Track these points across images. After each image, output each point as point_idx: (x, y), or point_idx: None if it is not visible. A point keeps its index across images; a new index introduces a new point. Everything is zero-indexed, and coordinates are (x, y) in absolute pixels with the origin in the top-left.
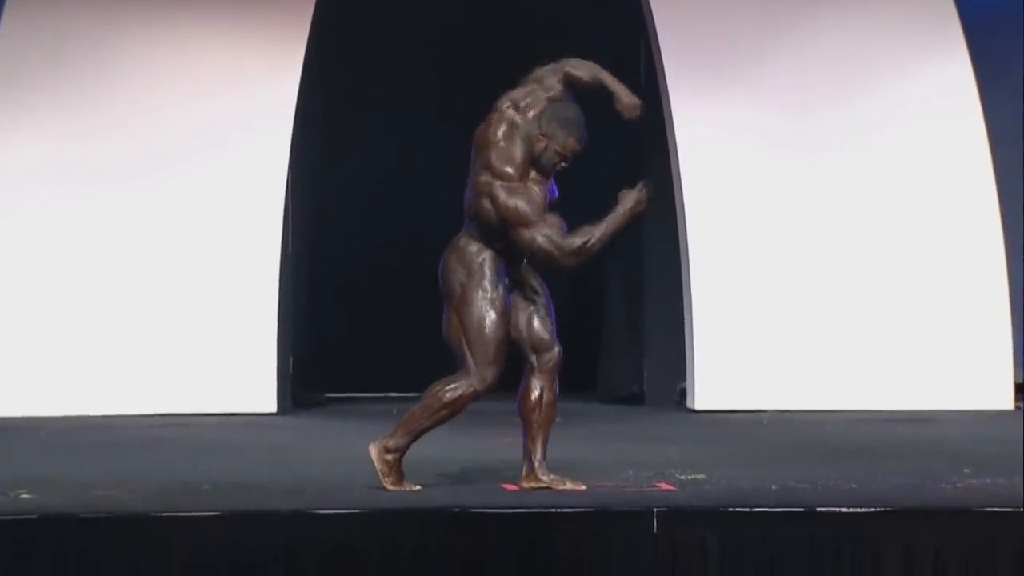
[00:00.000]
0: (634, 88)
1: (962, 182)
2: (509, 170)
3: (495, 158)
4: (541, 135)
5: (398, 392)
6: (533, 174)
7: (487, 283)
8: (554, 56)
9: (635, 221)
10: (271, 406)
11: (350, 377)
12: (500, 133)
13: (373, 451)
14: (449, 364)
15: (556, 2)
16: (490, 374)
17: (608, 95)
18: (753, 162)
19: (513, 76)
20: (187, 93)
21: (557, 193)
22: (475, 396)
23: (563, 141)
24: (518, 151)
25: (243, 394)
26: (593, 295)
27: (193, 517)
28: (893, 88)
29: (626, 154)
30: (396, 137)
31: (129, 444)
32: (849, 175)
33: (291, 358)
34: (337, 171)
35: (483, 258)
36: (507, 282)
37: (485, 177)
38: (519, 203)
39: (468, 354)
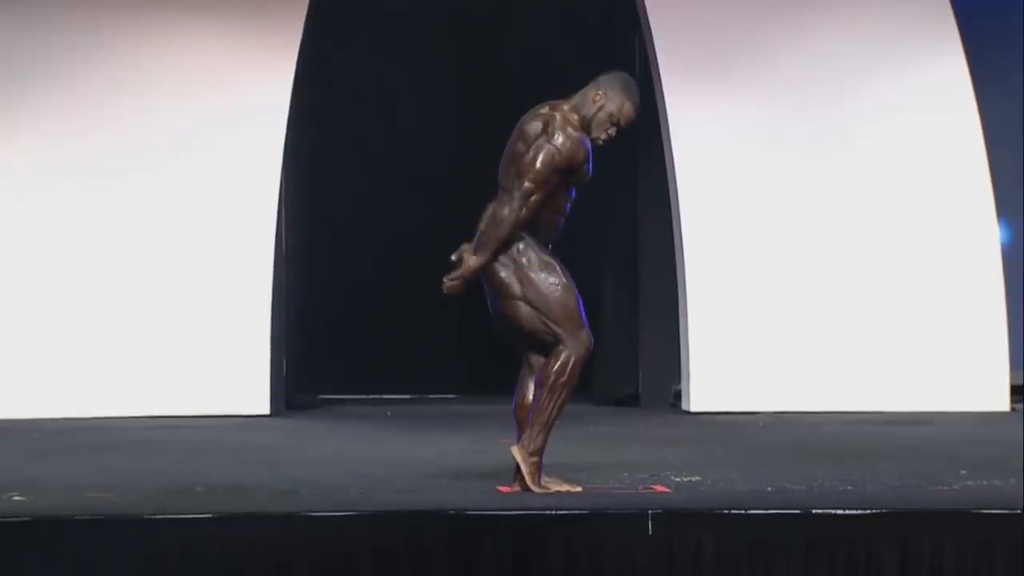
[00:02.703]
0: None
1: (958, 182)
2: (574, 116)
3: (563, 105)
4: (599, 94)
5: (392, 394)
6: None
7: (535, 259)
8: (551, 56)
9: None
10: (264, 408)
11: (344, 379)
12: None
13: (519, 455)
14: (444, 366)
15: (550, 0)
16: (585, 335)
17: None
18: (748, 161)
19: (507, 74)
20: (179, 90)
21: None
22: (582, 362)
23: (619, 103)
24: (581, 107)
25: (236, 396)
26: (588, 296)
27: (186, 519)
28: (889, 87)
29: (621, 153)
30: (390, 135)
31: (122, 446)
32: (845, 175)
33: (284, 360)
34: (331, 170)
35: (519, 245)
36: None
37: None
38: (562, 139)
39: (557, 330)
